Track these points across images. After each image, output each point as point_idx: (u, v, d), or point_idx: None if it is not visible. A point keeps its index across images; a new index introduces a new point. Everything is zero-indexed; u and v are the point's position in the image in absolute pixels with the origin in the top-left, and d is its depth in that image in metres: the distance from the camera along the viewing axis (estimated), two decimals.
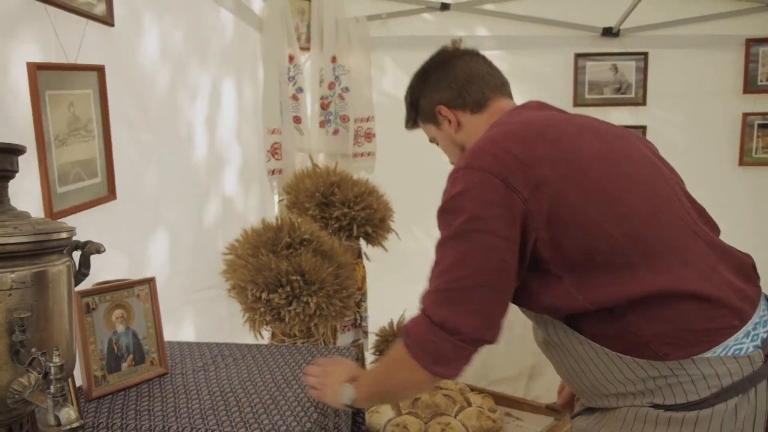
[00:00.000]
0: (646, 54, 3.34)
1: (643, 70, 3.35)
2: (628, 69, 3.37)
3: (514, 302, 1.06)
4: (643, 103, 3.38)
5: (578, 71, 3.38)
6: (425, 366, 1.03)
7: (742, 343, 0.99)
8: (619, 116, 3.41)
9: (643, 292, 0.97)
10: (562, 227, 0.98)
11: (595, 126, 1.17)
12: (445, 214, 1.06)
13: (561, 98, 3.41)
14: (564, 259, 0.99)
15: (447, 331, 1.00)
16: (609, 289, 0.98)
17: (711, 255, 1.06)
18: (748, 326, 1.00)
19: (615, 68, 3.37)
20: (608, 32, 3.35)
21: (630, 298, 0.97)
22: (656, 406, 0.98)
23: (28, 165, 1.34)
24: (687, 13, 3.32)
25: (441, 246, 1.06)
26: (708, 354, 0.97)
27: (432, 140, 1.41)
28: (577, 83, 3.38)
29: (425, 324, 1.03)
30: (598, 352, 1.02)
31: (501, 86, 1.31)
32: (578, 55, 3.37)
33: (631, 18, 3.15)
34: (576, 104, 3.39)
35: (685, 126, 3.42)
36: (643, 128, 3.39)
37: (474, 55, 1.34)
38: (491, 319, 1.02)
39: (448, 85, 1.29)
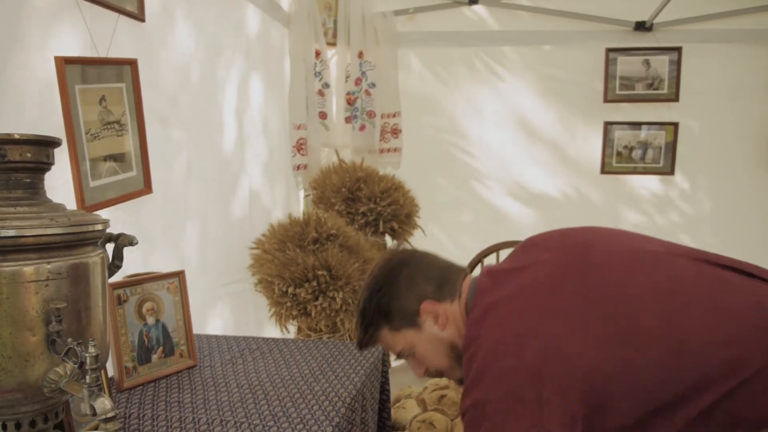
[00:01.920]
0: (679, 49, 3.26)
1: (677, 65, 3.26)
2: (661, 64, 3.29)
3: None
4: (676, 99, 3.29)
5: (609, 66, 3.31)
6: None
7: None
8: (650, 113, 3.34)
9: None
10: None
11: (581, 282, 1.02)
12: None
13: (592, 94, 3.36)
14: None
15: None
16: None
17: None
18: None
19: (647, 63, 3.29)
20: (641, 26, 3.27)
21: None
22: None
23: (61, 159, 1.36)
24: (722, 6, 3.22)
25: None
26: None
27: (402, 353, 1.21)
28: (608, 78, 3.31)
29: None
30: None
31: (463, 272, 1.22)
32: (609, 50, 3.30)
33: (664, 12, 3.08)
34: (606, 100, 3.32)
35: (719, 123, 3.33)
36: (675, 125, 3.31)
37: (429, 252, 1.26)
38: None
39: (426, 278, 1.17)
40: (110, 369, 1.38)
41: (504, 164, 3.52)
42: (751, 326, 0.92)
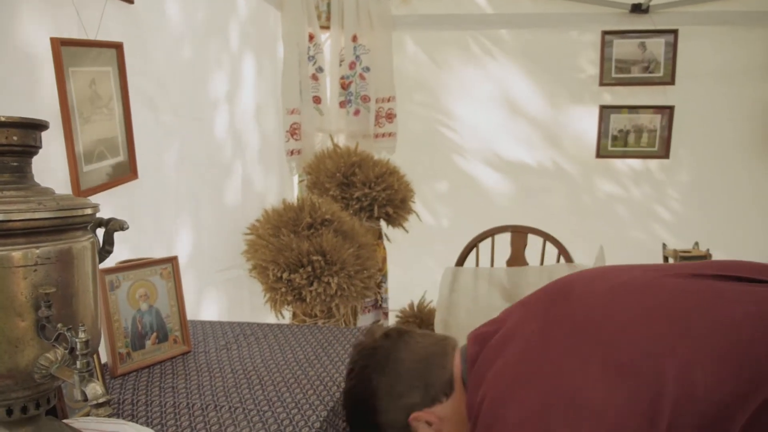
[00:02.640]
0: (675, 31, 3.24)
1: (673, 48, 3.24)
2: (657, 47, 3.27)
3: None
4: (672, 82, 3.28)
5: (605, 49, 3.29)
6: None
7: None
8: (646, 96, 3.32)
9: None
10: None
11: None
12: None
13: (587, 77, 3.34)
14: None
15: None
16: None
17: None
18: None
19: (643, 46, 3.27)
20: (637, 8, 3.24)
21: None
22: None
23: (54, 143, 1.34)
24: None
25: None
26: None
27: None
28: (604, 61, 3.29)
29: None
30: None
31: (449, 348, 1.11)
32: (605, 33, 3.28)
33: None
34: (602, 83, 3.31)
35: (716, 106, 3.32)
36: (671, 108, 3.30)
37: (403, 334, 1.14)
38: None
39: (410, 386, 1.07)
40: (104, 355, 1.37)
41: (497, 149, 3.51)
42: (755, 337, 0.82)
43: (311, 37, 3.06)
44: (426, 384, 1.06)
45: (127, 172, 1.65)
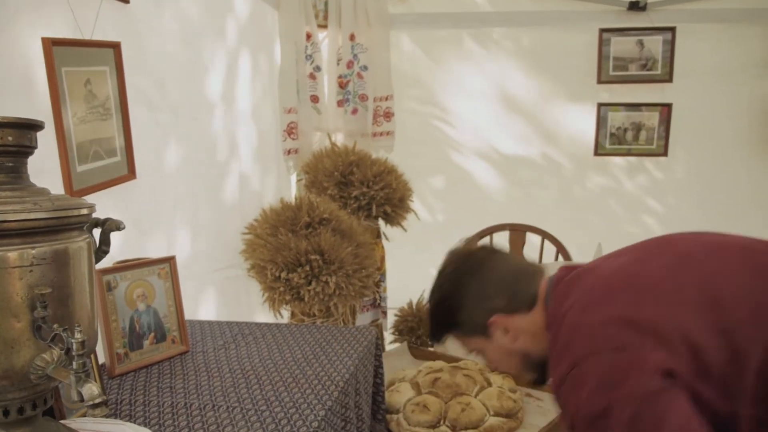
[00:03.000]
0: (673, 29, 3.23)
1: (670, 46, 3.24)
2: (654, 44, 3.26)
3: None
4: (669, 80, 3.27)
5: (603, 47, 3.28)
6: None
7: None
8: (644, 93, 3.32)
9: None
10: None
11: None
12: None
13: (585, 75, 3.33)
14: None
15: None
16: None
17: None
18: None
19: (641, 44, 3.26)
20: (635, 6, 3.24)
21: None
22: None
23: (47, 143, 1.34)
24: None
25: None
26: None
27: (473, 352, 1.24)
28: (602, 59, 3.29)
29: None
30: None
31: (539, 272, 1.17)
32: (603, 30, 3.27)
33: None
34: (600, 81, 3.30)
35: (713, 103, 3.32)
36: (669, 106, 3.30)
37: (498, 249, 1.22)
38: None
39: (497, 291, 1.14)
40: (102, 355, 1.37)
41: (495, 146, 3.51)
42: None
43: (309, 36, 3.05)
44: (512, 293, 1.13)
45: (124, 172, 1.65)
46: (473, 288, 1.15)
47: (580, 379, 0.90)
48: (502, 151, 3.51)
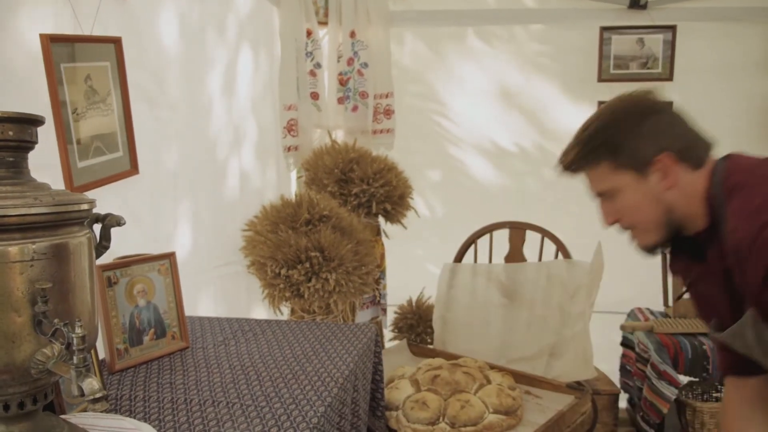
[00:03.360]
0: (674, 27, 3.23)
1: (671, 44, 3.23)
2: (655, 43, 3.26)
3: None
4: (670, 78, 3.27)
5: (603, 45, 3.28)
6: None
7: None
8: None
9: None
10: None
11: None
12: None
13: (585, 73, 3.33)
14: None
15: None
16: None
17: None
18: None
19: (641, 42, 3.26)
20: (635, 4, 3.23)
21: None
22: None
23: (51, 138, 1.34)
24: None
25: None
26: None
27: (602, 194, 1.20)
28: (602, 58, 3.28)
29: None
30: None
31: (710, 145, 1.17)
32: (603, 29, 3.27)
33: None
34: (600, 80, 3.30)
35: (714, 102, 3.31)
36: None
37: (679, 111, 1.19)
38: None
39: (677, 134, 1.12)
40: (102, 351, 1.37)
41: (494, 143, 3.50)
42: None
43: (309, 33, 3.05)
44: (690, 142, 1.12)
45: (127, 167, 1.65)
46: (651, 121, 1.11)
47: None
48: (502, 148, 3.50)
